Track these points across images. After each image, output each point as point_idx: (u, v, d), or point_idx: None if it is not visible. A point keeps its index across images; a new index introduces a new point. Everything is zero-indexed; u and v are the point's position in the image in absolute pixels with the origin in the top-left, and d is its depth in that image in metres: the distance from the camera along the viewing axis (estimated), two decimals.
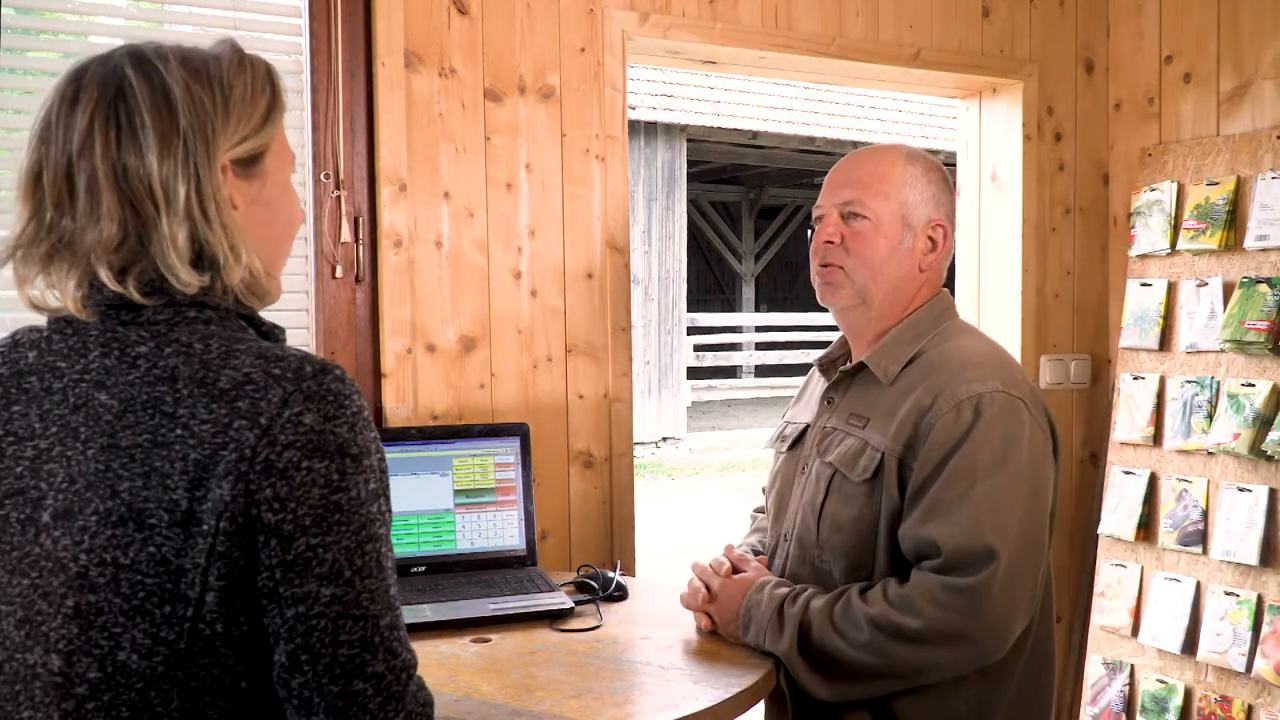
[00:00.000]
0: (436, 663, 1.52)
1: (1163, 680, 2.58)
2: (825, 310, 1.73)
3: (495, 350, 2.22)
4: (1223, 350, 2.52)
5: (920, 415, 1.51)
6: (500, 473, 2.03)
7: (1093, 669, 2.75)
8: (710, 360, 13.21)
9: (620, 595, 1.85)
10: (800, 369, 14.03)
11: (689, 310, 12.63)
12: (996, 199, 2.88)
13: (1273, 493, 2.40)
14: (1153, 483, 2.66)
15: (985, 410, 1.48)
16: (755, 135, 12.28)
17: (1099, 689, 2.73)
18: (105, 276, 0.90)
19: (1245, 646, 2.39)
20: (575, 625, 1.70)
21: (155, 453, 0.86)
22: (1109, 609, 2.71)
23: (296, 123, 2.06)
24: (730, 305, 18.11)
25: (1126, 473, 2.72)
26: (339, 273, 2.09)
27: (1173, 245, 2.67)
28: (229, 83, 0.95)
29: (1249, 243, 2.50)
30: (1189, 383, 2.59)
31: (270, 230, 1.01)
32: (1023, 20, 2.80)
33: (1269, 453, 2.37)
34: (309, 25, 2.05)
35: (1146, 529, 2.66)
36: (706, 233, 16.26)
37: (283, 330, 1.01)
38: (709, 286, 19.01)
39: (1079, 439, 2.94)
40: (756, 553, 1.78)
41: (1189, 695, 2.53)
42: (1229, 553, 2.45)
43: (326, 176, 2.07)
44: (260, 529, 0.85)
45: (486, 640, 1.63)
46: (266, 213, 1.00)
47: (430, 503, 1.98)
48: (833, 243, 1.63)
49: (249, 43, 1.98)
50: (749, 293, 16.66)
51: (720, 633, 1.62)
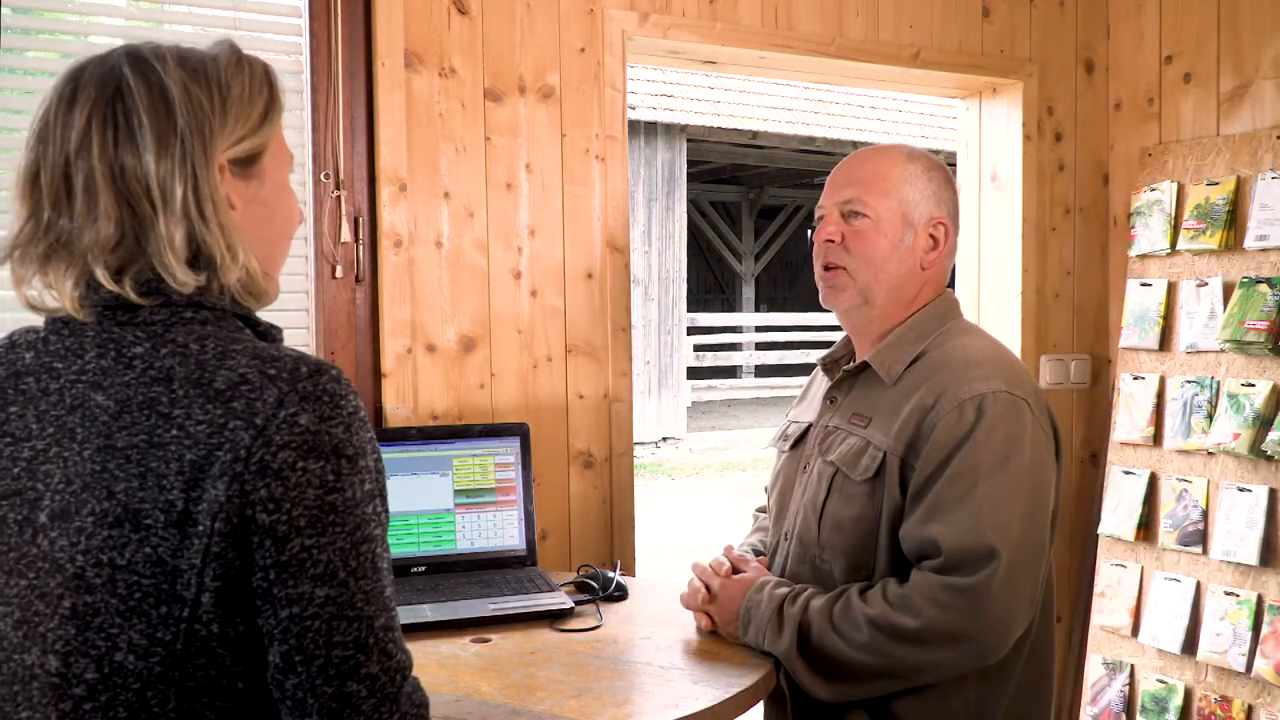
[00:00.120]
0: (436, 663, 1.52)
1: (1163, 680, 2.58)
2: (825, 310, 1.73)
3: (495, 350, 2.22)
4: (1223, 350, 2.52)
5: (923, 415, 1.51)
6: (500, 473, 2.03)
7: (1093, 669, 2.75)
8: (710, 360, 13.21)
9: (620, 595, 1.85)
10: (800, 369, 14.05)
11: (689, 310, 12.63)
12: (996, 199, 2.88)
13: (1273, 493, 2.40)
14: (1153, 483, 2.66)
15: (988, 410, 1.48)
16: (755, 135, 12.29)
17: (1099, 689, 2.73)
18: (102, 276, 0.90)
19: (1245, 646, 2.39)
20: (575, 625, 1.70)
21: (151, 453, 0.86)
22: (1109, 609, 2.71)
23: (296, 123, 2.06)
24: (730, 305, 18.11)
25: (1126, 473, 2.72)
26: (339, 273, 2.09)
27: (1173, 245, 2.67)
28: (227, 83, 0.95)
29: (1249, 243, 2.50)
30: (1189, 383, 2.59)
31: (268, 230, 1.01)
32: (1023, 20, 2.80)
33: (1269, 453, 2.37)
34: (309, 25, 2.05)
35: (1146, 529, 2.66)
36: (706, 233, 16.26)
37: (280, 330, 1.01)
38: (709, 286, 19.01)
39: (1079, 439, 2.94)
40: (758, 553, 1.78)
41: (1189, 695, 2.53)
42: (1229, 553, 2.45)
43: (326, 176, 2.07)
44: (255, 529, 0.85)
45: (486, 640, 1.63)
46: (264, 212, 1.00)
47: (430, 503, 1.98)
48: (833, 241, 1.63)
49: (249, 43, 1.99)
50: (749, 293, 16.66)
51: (720, 633, 1.62)
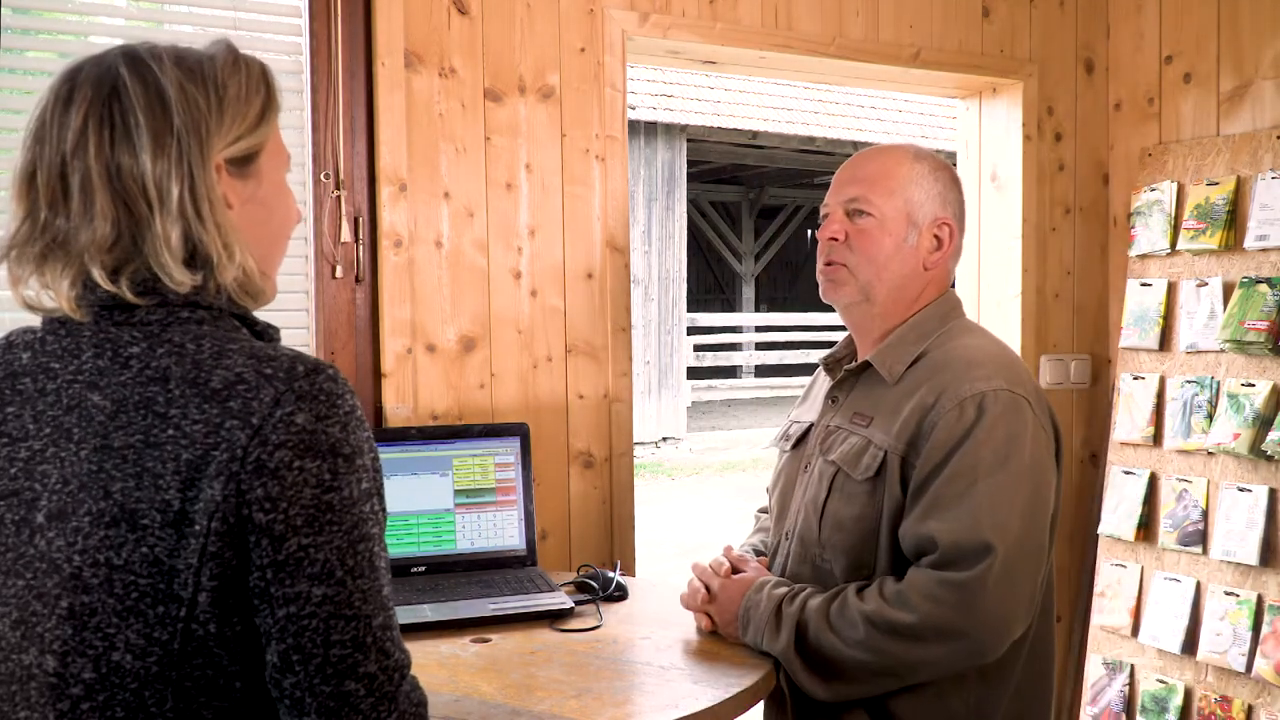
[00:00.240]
0: (436, 663, 1.52)
1: (1163, 680, 2.58)
2: (825, 310, 1.74)
3: (495, 350, 2.22)
4: (1223, 350, 2.52)
5: (924, 413, 1.51)
6: (500, 473, 2.03)
7: (1093, 669, 2.75)
8: (710, 360, 13.21)
9: (620, 595, 1.85)
10: (800, 369, 14.05)
11: (689, 310, 12.63)
12: (996, 199, 2.88)
13: (1273, 493, 2.40)
14: (1153, 483, 2.66)
15: (989, 408, 1.48)
16: (755, 135, 12.29)
17: (1099, 689, 2.73)
18: (98, 276, 0.90)
19: (1245, 646, 2.39)
20: (575, 625, 1.70)
21: (147, 453, 0.86)
22: (1109, 609, 2.71)
23: (296, 123, 2.06)
24: (730, 305, 18.11)
25: (1126, 473, 2.72)
26: (339, 273, 2.09)
27: (1173, 245, 2.67)
28: (223, 82, 0.95)
29: (1249, 243, 2.50)
30: (1189, 383, 2.59)
31: (265, 230, 1.01)
32: (1023, 20, 2.80)
33: (1269, 453, 2.37)
34: (309, 25, 2.05)
35: (1146, 529, 2.66)
36: (706, 233, 16.26)
37: (277, 330, 1.01)
38: (709, 286, 19.01)
39: (1079, 439, 2.94)
40: (759, 553, 1.78)
41: (1189, 695, 2.53)
42: (1229, 553, 2.45)
43: (326, 176, 2.07)
44: (252, 529, 0.85)
45: (486, 640, 1.63)
46: (262, 212, 1.00)
47: (430, 503, 1.98)
48: (837, 239, 1.64)
49: (249, 43, 1.99)
50: (749, 293, 16.66)
51: (720, 633, 1.62)
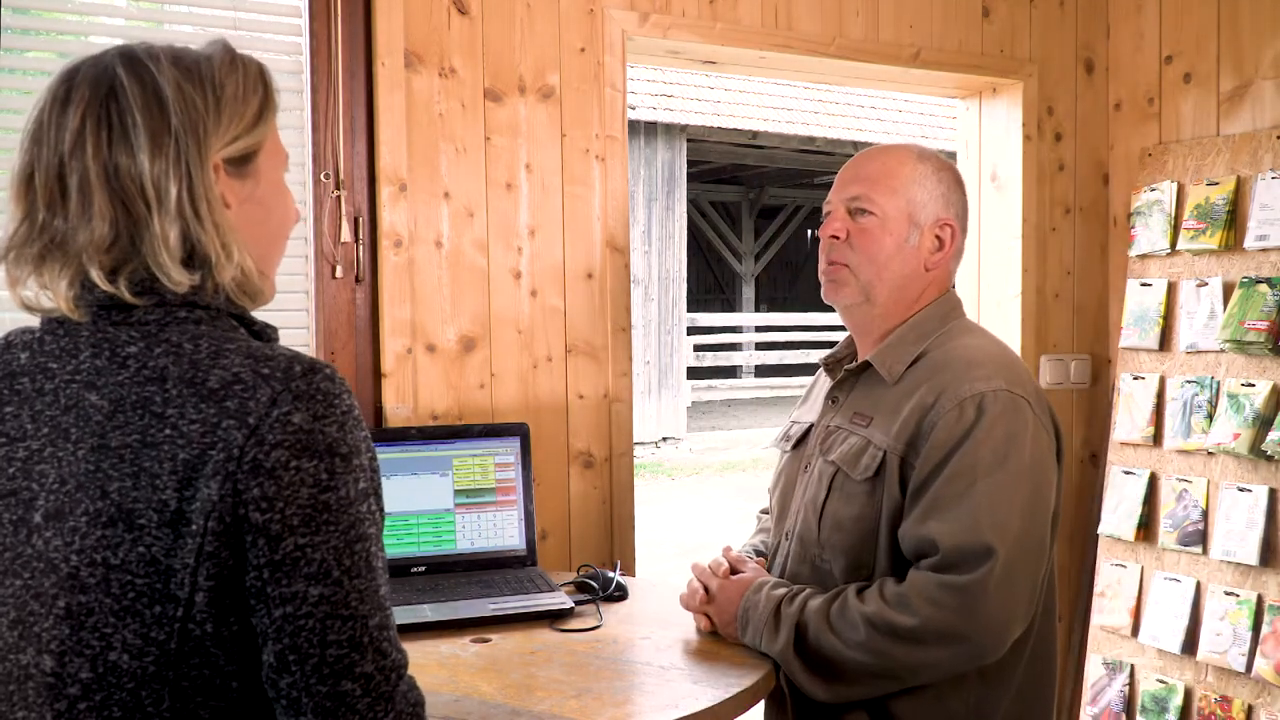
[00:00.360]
0: (436, 663, 1.52)
1: (1163, 680, 2.58)
2: (825, 310, 1.74)
3: (495, 350, 2.22)
4: (1223, 350, 2.52)
5: (923, 414, 1.51)
6: (500, 473, 2.03)
7: (1093, 669, 2.75)
8: (710, 360, 13.20)
9: (620, 595, 1.85)
10: (800, 369, 14.05)
11: (689, 310, 12.63)
12: (996, 199, 2.88)
13: (1273, 493, 2.40)
14: (1153, 483, 2.66)
15: (988, 409, 1.48)
16: (755, 135, 12.29)
17: (1099, 689, 2.73)
18: (96, 276, 0.90)
19: (1245, 646, 2.39)
20: (575, 625, 1.70)
21: (144, 453, 0.86)
22: (1109, 609, 2.71)
23: (296, 123, 2.06)
24: (730, 305, 18.11)
25: (1126, 473, 2.72)
26: (339, 273, 2.09)
27: (1173, 245, 2.67)
28: (220, 82, 0.95)
29: (1249, 243, 2.50)
30: (1189, 383, 2.59)
31: (264, 229, 1.01)
32: (1023, 20, 2.80)
33: (1269, 453, 2.37)
34: (309, 25, 2.05)
35: (1146, 529, 2.66)
36: (706, 233, 16.26)
37: (275, 330, 1.01)
38: (709, 286, 19.01)
39: (1079, 439, 2.94)
40: (760, 554, 1.78)
41: (1189, 695, 2.53)
42: (1229, 553, 2.45)
43: (326, 176, 2.07)
44: (248, 528, 0.85)
45: (486, 640, 1.63)
46: (260, 211, 1.00)
47: (430, 503, 1.98)
48: (838, 238, 1.63)
49: (249, 43, 1.99)
50: (749, 293, 16.66)
51: (720, 633, 1.62)
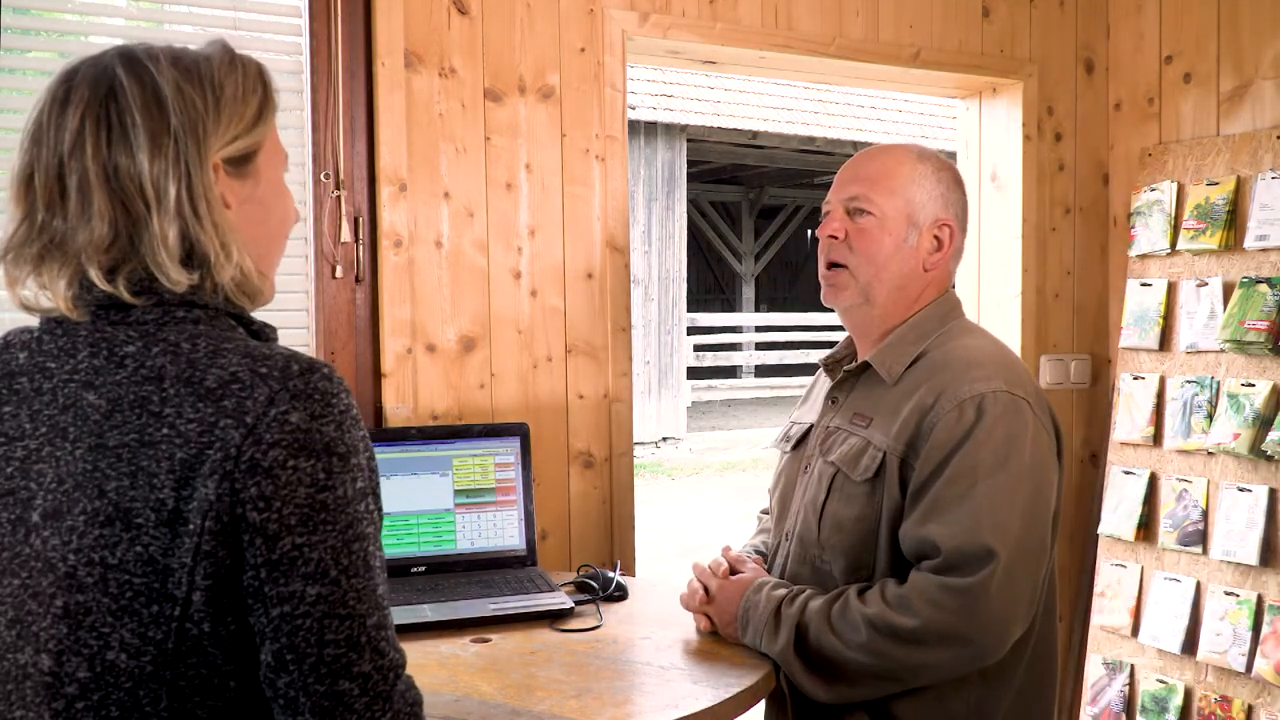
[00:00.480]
0: (436, 663, 1.52)
1: (1163, 680, 2.58)
2: (825, 310, 1.73)
3: (495, 350, 2.22)
4: (1223, 350, 2.52)
5: (923, 414, 1.51)
6: (500, 473, 2.03)
7: (1093, 669, 2.75)
8: (710, 360, 13.20)
9: (620, 595, 1.85)
10: (800, 369, 14.05)
11: (689, 310, 12.63)
12: (996, 199, 2.88)
13: (1273, 493, 2.40)
14: (1153, 483, 2.66)
15: (988, 409, 1.47)
16: (755, 135, 12.29)
17: (1099, 689, 2.73)
18: (95, 276, 0.90)
19: (1245, 646, 2.39)
20: (575, 625, 1.70)
21: (142, 452, 0.86)
22: (1109, 609, 2.71)
23: (296, 123, 2.06)
24: (730, 305, 18.11)
25: (1126, 473, 2.72)
26: (339, 273, 2.09)
27: (1173, 245, 2.67)
28: (220, 82, 0.95)
29: (1249, 243, 2.50)
30: (1189, 383, 2.59)
31: (264, 229, 1.01)
32: (1023, 20, 2.80)
33: (1269, 453, 2.37)
34: (309, 25, 2.05)
35: (1146, 529, 2.66)
36: (706, 233, 16.26)
37: (274, 329, 1.01)
38: (709, 286, 19.01)
39: (1079, 439, 2.94)
40: (760, 554, 1.78)
41: (1189, 695, 2.53)
42: (1229, 553, 2.45)
43: (326, 176, 2.07)
44: (246, 528, 0.85)
45: (486, 640, 1.63)
46: (260, 211, 1.00)
47: (430, 503, 1.98)
48: (837, 238, 1.63)
49: (249, 43, 1.99)
50: (749, 293, 16.66)
51: (720, 634, 1.62)
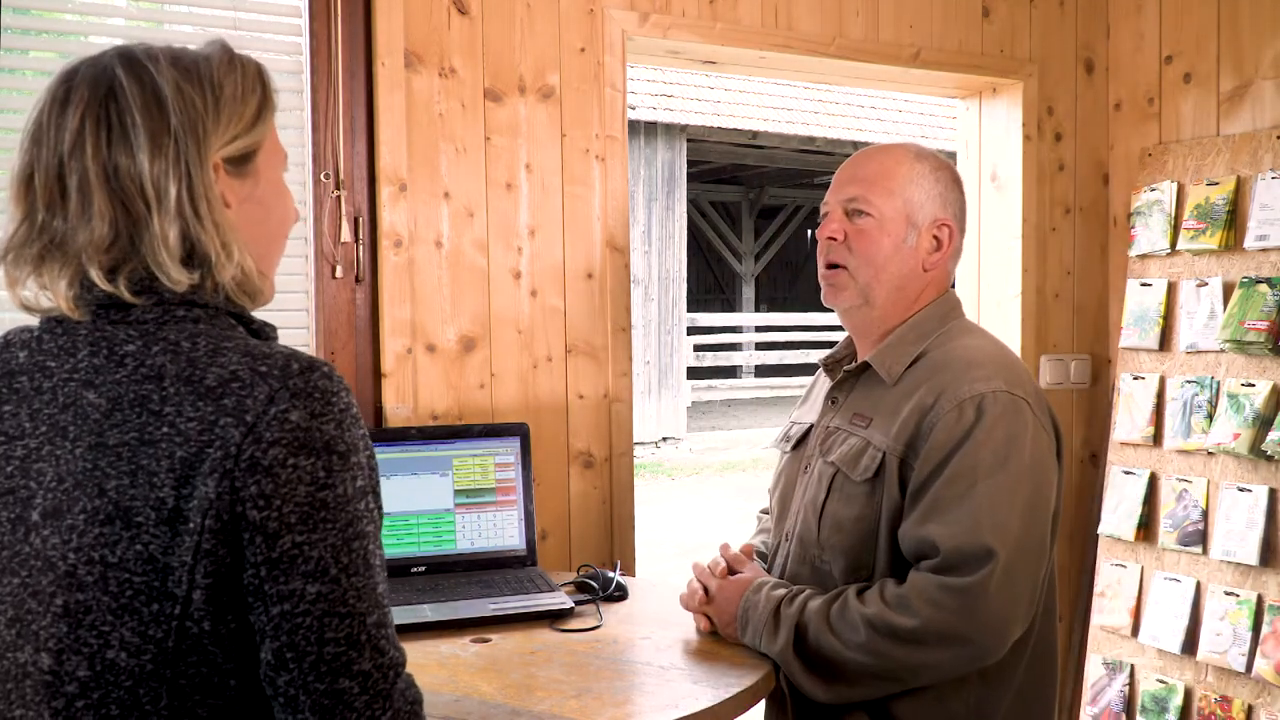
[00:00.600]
0: (436, 663, 1.52)
1: (1163, 680, 2.58)
2: (825, 310, 1.73)
3: (495, 350, 2.22)
4: (1223, 350, 2.52)
5: (922, 415, 1.51)
6: (500, 473, 2.03)
7: (1093, 669, 2.75)
8: (710, 360, 13.20)
9: (620, 595, 1.85)
10: (800, 369, 14.05)
11: (689, 310, 12.63)
12: (996, 199, 2.88)
13: (1273, 493, 2.40)
14: (1153, 483, 2.66)
15: (988, 410, 1.47)
16: (755, 135, 12.29)
17: (1099, 689, 2.73)
18: (96, 276, 0.90)
19: (1245, 646, 2.39)
20: (575, 625, 1.70)
21: (142, 451, 0.86)
22: (1109, 609, 2.71)
23: (296, 123, 2.06)
24: (730, 305, 18.11)
25: (1126, 473, 2.72)
26: (339, 273, 2.09)
27: (1173, 245, 2.67)
28: (219, 82, 0.96)
29: (1249, 243, 2.50)
30: (1189, 383, 2.59)
31: (264, 229, 1.02)
32: (1023, 20, 2.80)
33: (1269, 453, 2.37)
34: (309, 25, 2.05)
35: (1146, 529, 2.66)
36: (706, 233, 16.26)
37: (274, 328, 1.01)
38: (709, 286, 19.01)
39: (1079, 439, 2.94)
40: (760, 554, 1.78)
41: (1189, 695, 2.53)
42: (1229, 553, 2.45)
43: (326, 176, 2.07)
44: (246, 526, 0.85)
45: (486, 640, 1.63)
46: (260, 211, 1.01)
47: (430, 503, 1.98)
48: (835, 239, 1.63)
49: (249, 43, 1.99)
50: (749, 293, 16.66)
51: (720, 633, 1.62)
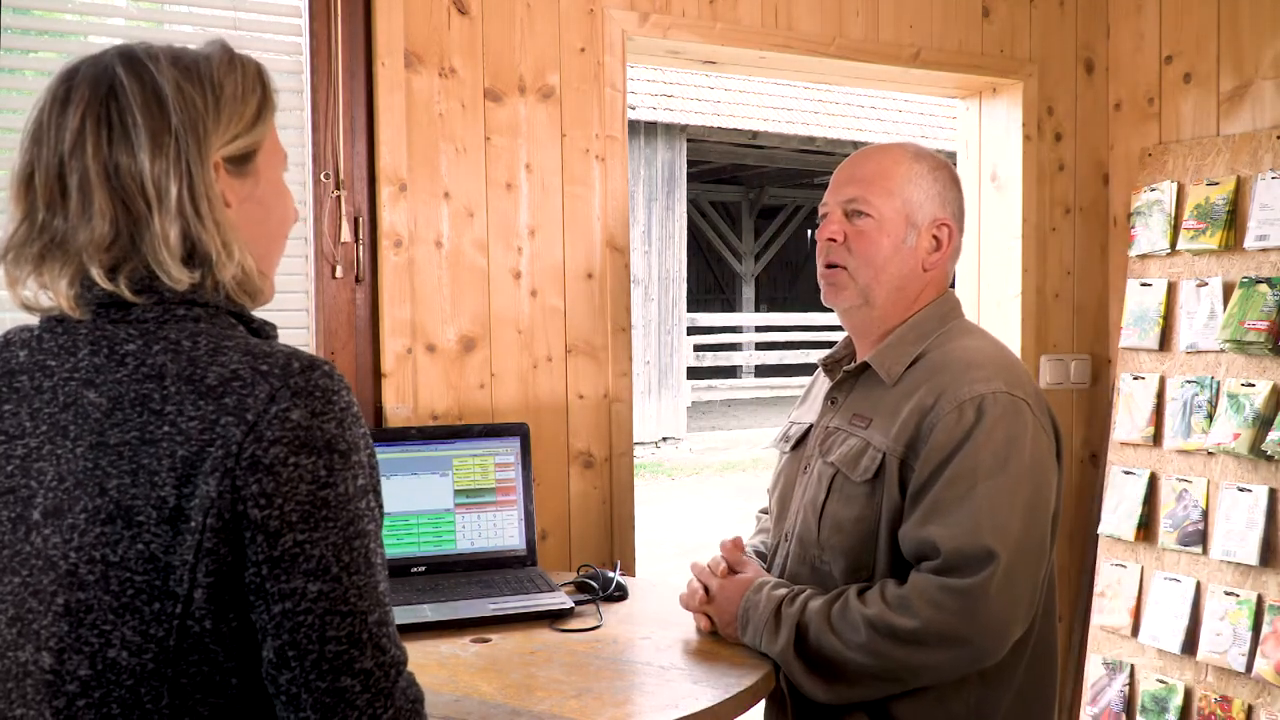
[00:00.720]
0: (436, 663, 1.52)
1: (1163, 680, 2.58)
2: (825, 310, 1.73)
3: (495, 350, 2.22)
4: (1223, 350, 2.52)
5: (922, 415, 1.51)
6: (500, 473, 2.03)
7: (1093, 669, 2.75)
8: (710, 360, 13.20)
9: (620, 595, 1.85)
10: (800, 369, 14.05)
11: (689, 310, 12.63)
12: (996, 199, 2.88)
13: (1273, 493, 2.40)
14: (1153, 483, 2.66)
15: (988, 411, 1.47)
16: (755, 135, 12.29)
17: (1099, 689, 2.73)
18: (97, 275, 0.90)
19: (1245, 646, 2.39)
20: (575, 625, 1.70)
21: (143, 450, 0.86)
22: (1109, 609, 2.71)
23: (296, 123, 2.06)
24: (730, 305, 18.11)
25: (1126, 473, 2.72)
26: (339, 273, 2.09)
27: (1173, 245, 2.67)
28: (219, 81, 0.96)
29: (1249, 243, 2.50)
30: (1189, 383, 2.59)
31: (264, 228, 1.02)
32: (1023, 20, 2.80)
33: (1269, 453, 2.37)
34: (309, 25, 2.05)
35: (1146, 529, 2.66)
36: (706, 233, 16.26)
37: (274, 327, 1.01)
38: (709, 286, 19.01)
39: (1079, 439, 2.94)
40: (759, 554, 1.78)
41: (1189, 695, 2.53)
42: (1229, 553, 2.45)
43: (326, 176, 2.07)
44: (247, 525, 0.85)
45: (486, 640, 1.63)
46: (260, 210, 1.01)
47: (430, 503, 1.98)
48: (835, 240, 1.63)
49: (249, 43, 1.99)
50: (749, 293, 16.66)
51: (720, 633, 1.62)
